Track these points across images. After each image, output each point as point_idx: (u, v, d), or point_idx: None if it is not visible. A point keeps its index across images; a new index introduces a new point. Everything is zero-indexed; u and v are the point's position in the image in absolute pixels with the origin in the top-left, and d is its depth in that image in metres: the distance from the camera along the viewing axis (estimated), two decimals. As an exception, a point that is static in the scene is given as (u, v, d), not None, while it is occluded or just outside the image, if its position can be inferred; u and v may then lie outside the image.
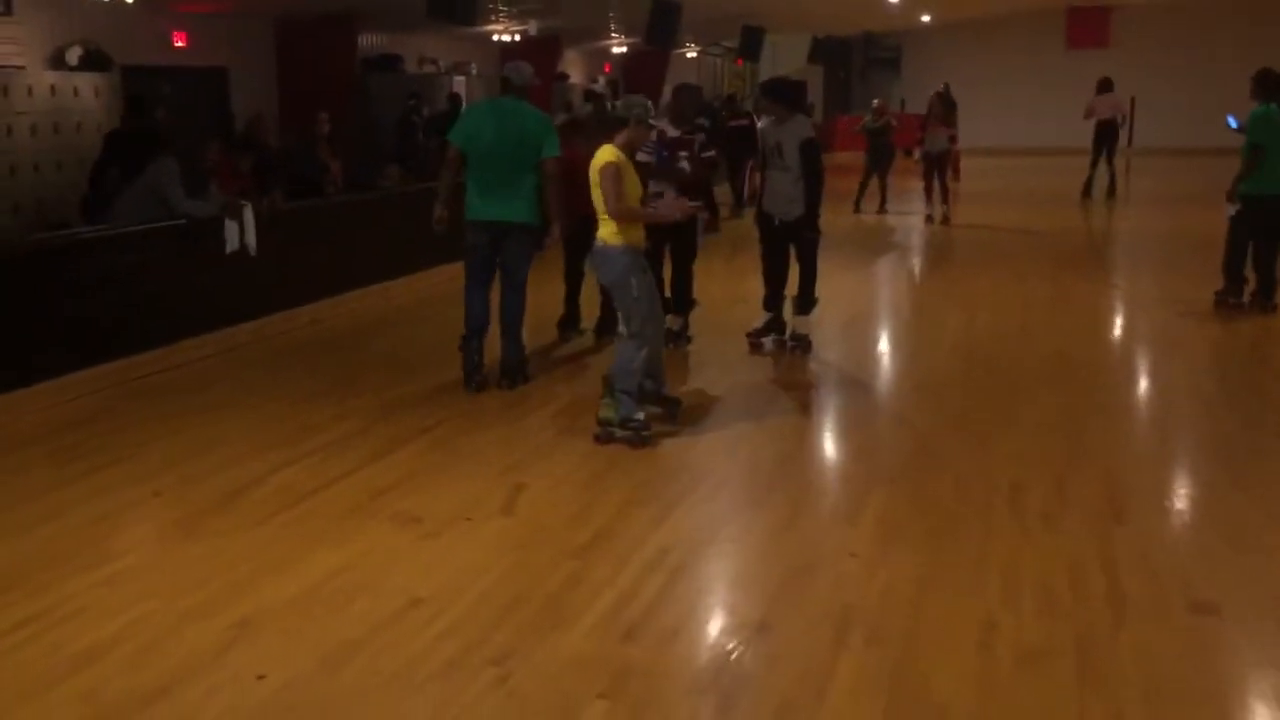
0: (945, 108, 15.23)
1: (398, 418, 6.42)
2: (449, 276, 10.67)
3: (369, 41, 16.04)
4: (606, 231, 5.89)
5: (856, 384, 7.35)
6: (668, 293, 8.00)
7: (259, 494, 5.26)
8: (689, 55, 24.43)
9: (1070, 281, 10.64)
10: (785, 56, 25.70)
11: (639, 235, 5.96)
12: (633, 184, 5.91)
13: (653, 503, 5.14)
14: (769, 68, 25.17)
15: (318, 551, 4.58)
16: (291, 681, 3.56)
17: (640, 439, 5.82)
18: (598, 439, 5.88)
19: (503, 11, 15.44)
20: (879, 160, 16.07)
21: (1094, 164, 17.51)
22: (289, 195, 9.03)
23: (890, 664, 3.62)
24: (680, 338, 8.05)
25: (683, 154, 7.71)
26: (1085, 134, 26.67)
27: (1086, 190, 17.58)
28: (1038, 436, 5.96)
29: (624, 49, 21.73)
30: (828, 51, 26.70)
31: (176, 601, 4.12)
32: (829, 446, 6.14)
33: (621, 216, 5.81)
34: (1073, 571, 4.26)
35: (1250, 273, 8.77)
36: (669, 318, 8.03)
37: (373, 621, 3.97)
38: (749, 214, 8.11)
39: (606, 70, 23.88)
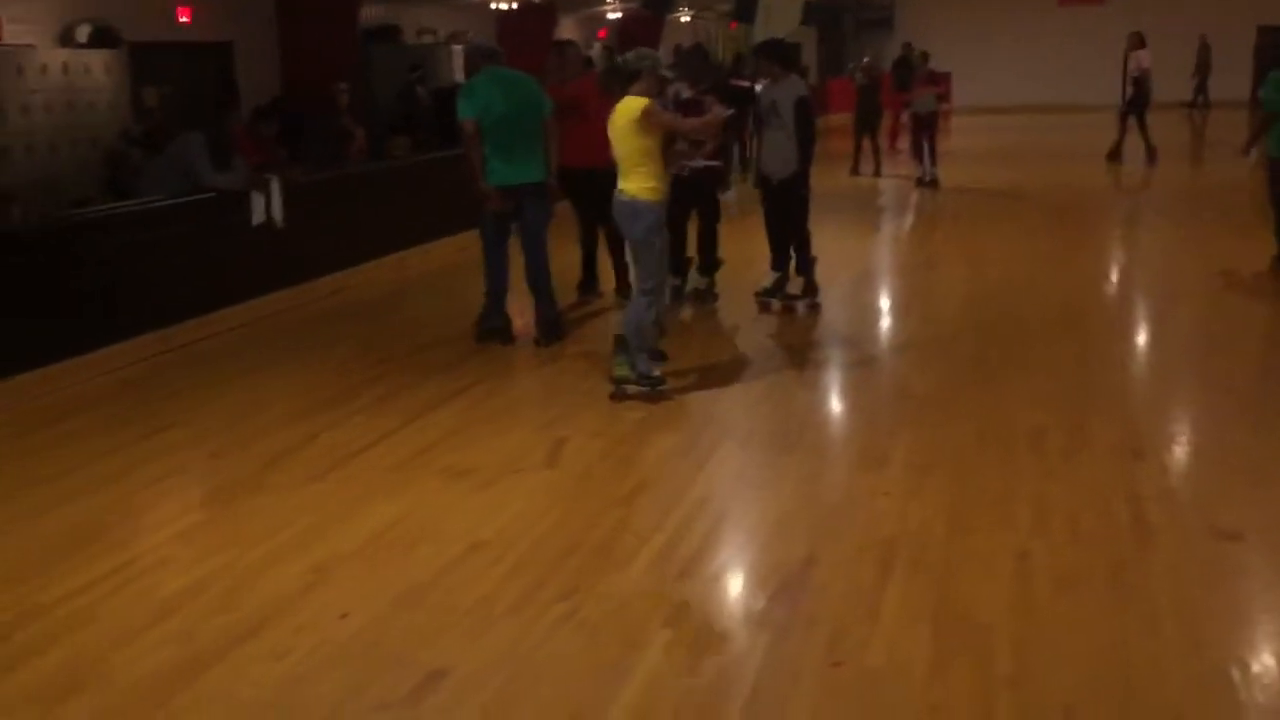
0: (924, 69, 15.33)
1: (431, 380, 6.63)
2: (459, 246, 10.88)
3: (368, 13, 16.09)
4: (637, 186, 5.93)
5: (871, 338, 7.59)
6: (690, 252, 8.23)
7: (310, 453, 5.47)
8: (683, 20, 24.48)
9: (1073, 236, 10.86)
10: (779, 19, 25.70)
11: (666, 192, 6.10)
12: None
13: (689, 453, 5.37)
14: (763, 31, 25.19)
15: (375, 503, 4.80)
16: (373, 620, 3.78)
17: (657, 393, 6.01)
18: (613, 396, 6.06)
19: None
20: (868, 120, 16.19)
21: (1123, 122, 15.96)
22: (314, 166, 9.17)
23: (934, 590, 3.86)
24: (708, 295, 8.28)
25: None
26: (1078, 90, 27.08)
27: (1116, 153, 16.10)
28: (1053, 381, 6.19)
29: (619, 14, 21.79)
30: (821, 13, 26.71)
31: (252, 550, 4.34)
32: (850, 396, 6.34)
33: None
34: (1098, 504, 4.50)
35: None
36: (696, 277, 8.28)
37: (439, 565, 4.19)
38: (751, 175, 8.29)
39: (601, 36, 23.91)
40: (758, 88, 9.27)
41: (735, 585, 4.05)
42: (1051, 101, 27.20)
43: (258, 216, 8.24)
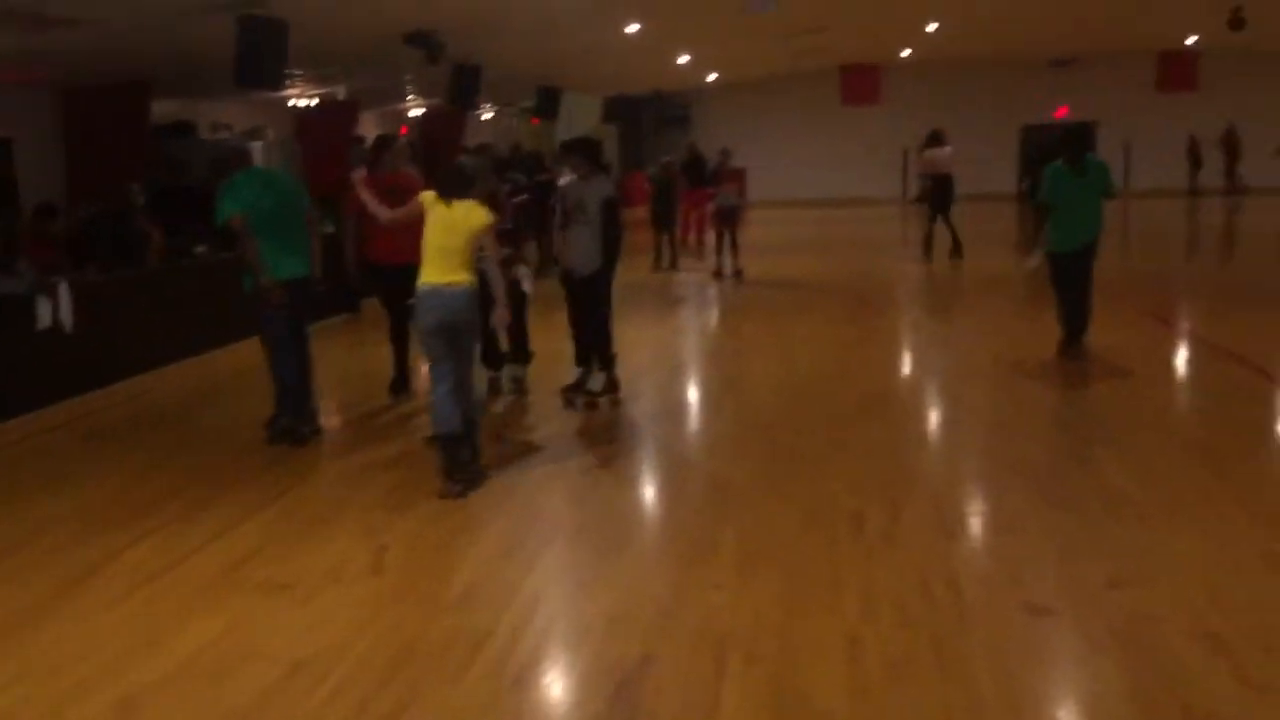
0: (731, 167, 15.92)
1: (242, 488, 6.34)
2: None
3: (160, 109, 15.61)
4: (463, 276, 6.14)
5: (690, 429, 7.70)
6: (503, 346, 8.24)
7: (110, 573, 5.12)
8: (484, 116, 24.73)
9: (875, 323, 11.37)
10: (580, 115, 26.29)
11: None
12: None
13: (517, 552, 5.28)
14: (565, 126, 25.73)
15: (188, 624, 4.52)
16: (189, 754, 3.53)
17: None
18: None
19: (298, 76, 15.35)
20: (664, 216, 16.61)
21: (931, 219, 16.04)
22: (106, 267, 8.75)
23: (770, 681, 3.89)
24: (520, 386, 8.28)
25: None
26: (864, 184, 28.66)
27: (927, 248, 16.05)
28: (867, 463, 6.41)
29: (421, 109, 21.85)
30: (620, 110, 27.50)
31: (50, 683, 4.01)
32: (674, 489, 6.37)
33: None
34: (919, 585, 4.64)
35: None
36: (512, 367, 8.27)
37: (258, 689, 3.96)
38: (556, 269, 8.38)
39: (403, 132, 23.89)
40: (561, 181, 9.41)
41: (573, 689, 3.98)
42: (839, 195, 28.68)
43: (44, 321, 7.79)
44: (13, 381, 7.65)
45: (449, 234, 6.14)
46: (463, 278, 6.14)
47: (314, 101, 17.25)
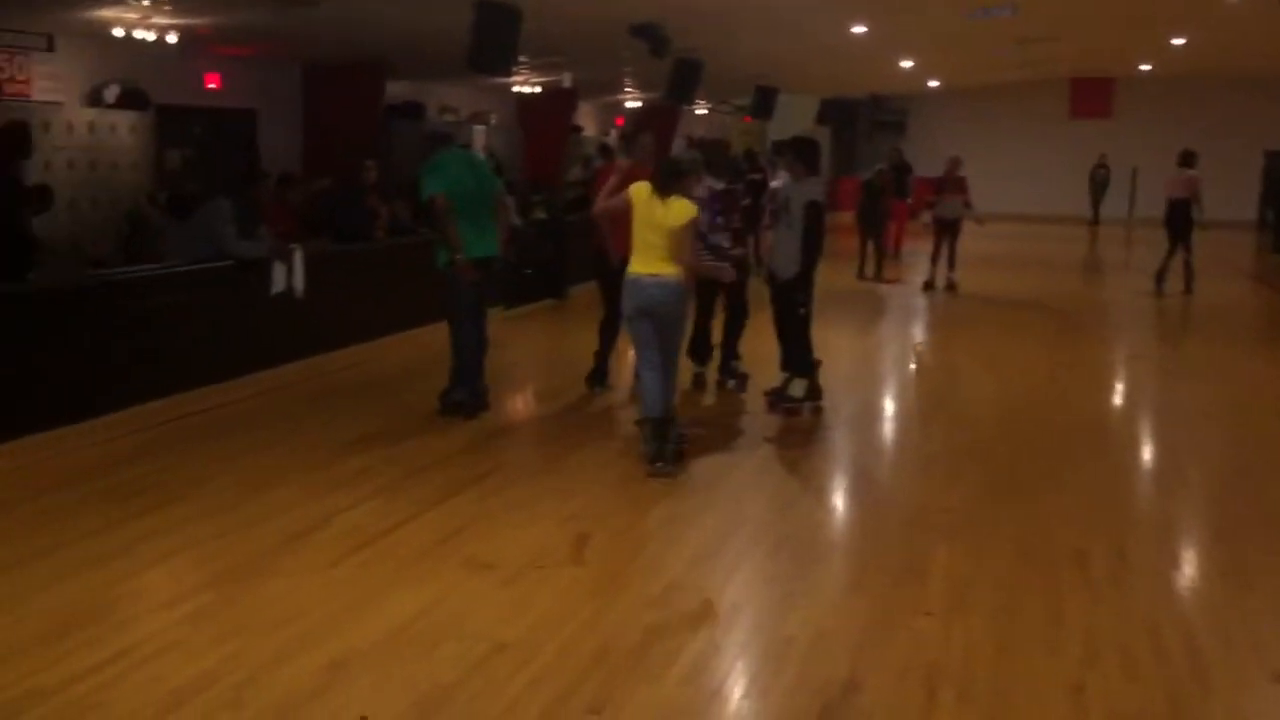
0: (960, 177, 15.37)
1: (451, 463, 6.47)
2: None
3: (393, 89, 16.22)
4: (666, 268, 6.23)
5: (897, 443, 7.46)
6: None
7: (324, 536, 5.28)
8: (699, 112, 24.75)
9: (1095, 348, 10.79)
10: (793, 116, 26.02)
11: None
12: None
13: (719, 556, 5.19)
14: (778, 126, 25.51)
15: (396, 593, 4.61)
16: (394, 724, 3.58)
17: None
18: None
19: (524, 64, 15.67)
20: (874, 223, 16.14)
21: (1170, 252, 14.50)
22: (336, 238, 9.12)
23: (986, 723, 3.67)
24: (741, 385, 8.54)
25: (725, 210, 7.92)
26: (1082, 202, 27.32)
27: (1159, 279, 14.51)
28: (1088, 498, 6.04)
29: (638, 103, 22.02)
30: (835, 112, 27.07)
31: (264, 640, 4.14)
32: (882, 506, 6.13)
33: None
34: (1149, 635, 4.32)
35: None
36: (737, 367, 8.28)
37: (462, 667, 3.99)
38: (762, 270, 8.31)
39: (619, 123, 24.16)
40: (774, 183, 9.32)
41: (775, 709, 3.84)
42: (1056, 212, 27.47)
43: (278, 286, 8.15)
44: (247, 341, 8.04)
45: (653, 227, 6.21)
46: (666, 270, 6.19)
47: (537, 89, 17.58)
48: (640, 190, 6.33)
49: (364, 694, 3.78)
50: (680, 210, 6.21)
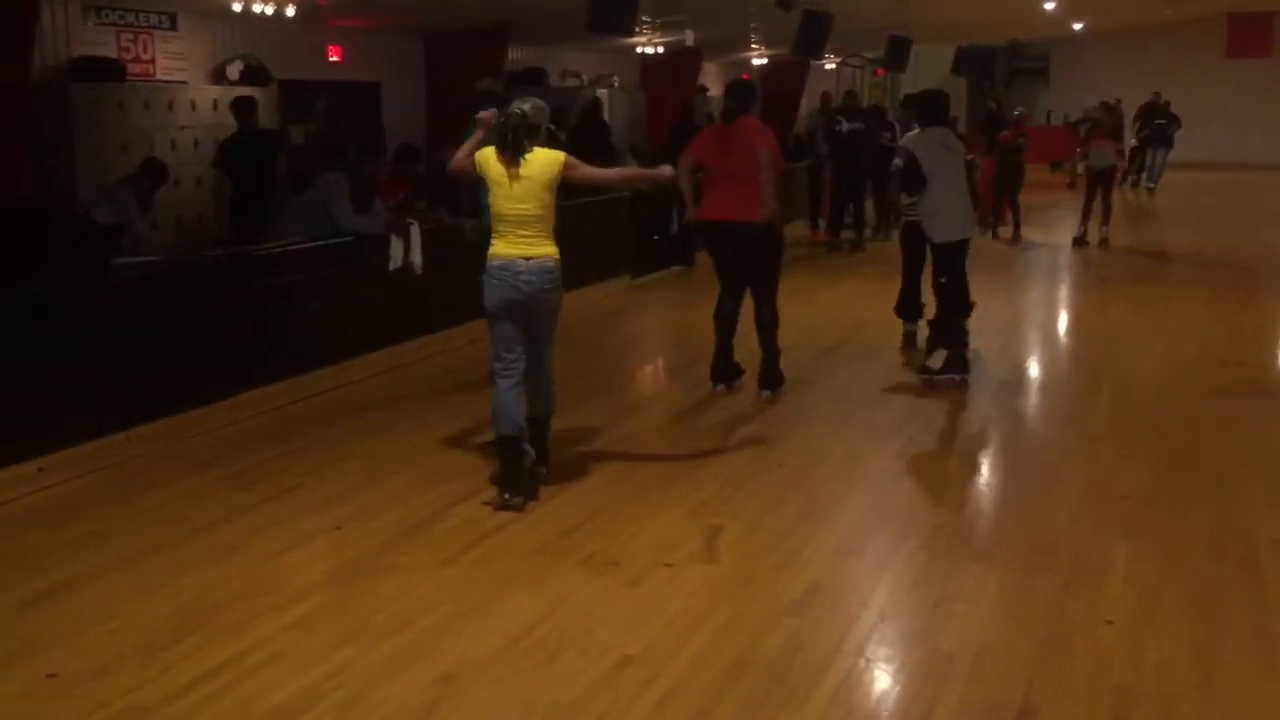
0: (1115, 122, 14.35)
1: (572, 446, 6.11)
2: (609, 293, 10.47)
3: (515, 55, 15.94)
4: (550, 248, 5.30)
5: (1059, 419, 6.83)
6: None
7: (442, 528, 4.98)
8: (828, 66, 23.89)
9: (1272, 307, 9.86)
10: (927, 67, 24.95)
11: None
12: None
13: (865, 553, 4.72)
14: (910, 79, 24.49)
15: (512, 596, 4.27)
16: (509, 753, 3.23)
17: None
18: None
19: (649, 23, 15.19)
20: (1008, 181, 15.00)
21: None
22: (455, 211, 8.83)
23: (1192, 764, 3.14)
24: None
25: None
26: (1244, 148, 25.49)
27: None
28: (1286, 485, 5.37)
29: (764, 60, 21.33)
30: (971, 61, 25.83)
31: (375, 648, 3.84)
32: (1046, 492, 5.53)
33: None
34: (1380, 654, 3.71)
35: None
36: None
37: (584, 683, 3.62)
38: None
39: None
40: (902, 141, 8.67)
41: (938, 736, 3.38)
42: (1211, 159, 25.73)
43: (395, 261, 7.89)
44: (364, 319, 7.82)
45: (516, 197, 5.19)
46: (541, 249, 5.22)
47: (660, 49, 17.08)
48: (487, 157, 5.22)
49: (474, 714, 3.45)
50: (544, 161, 5.17)
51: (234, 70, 11.57)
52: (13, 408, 5.42)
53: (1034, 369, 8.13)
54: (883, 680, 3.67)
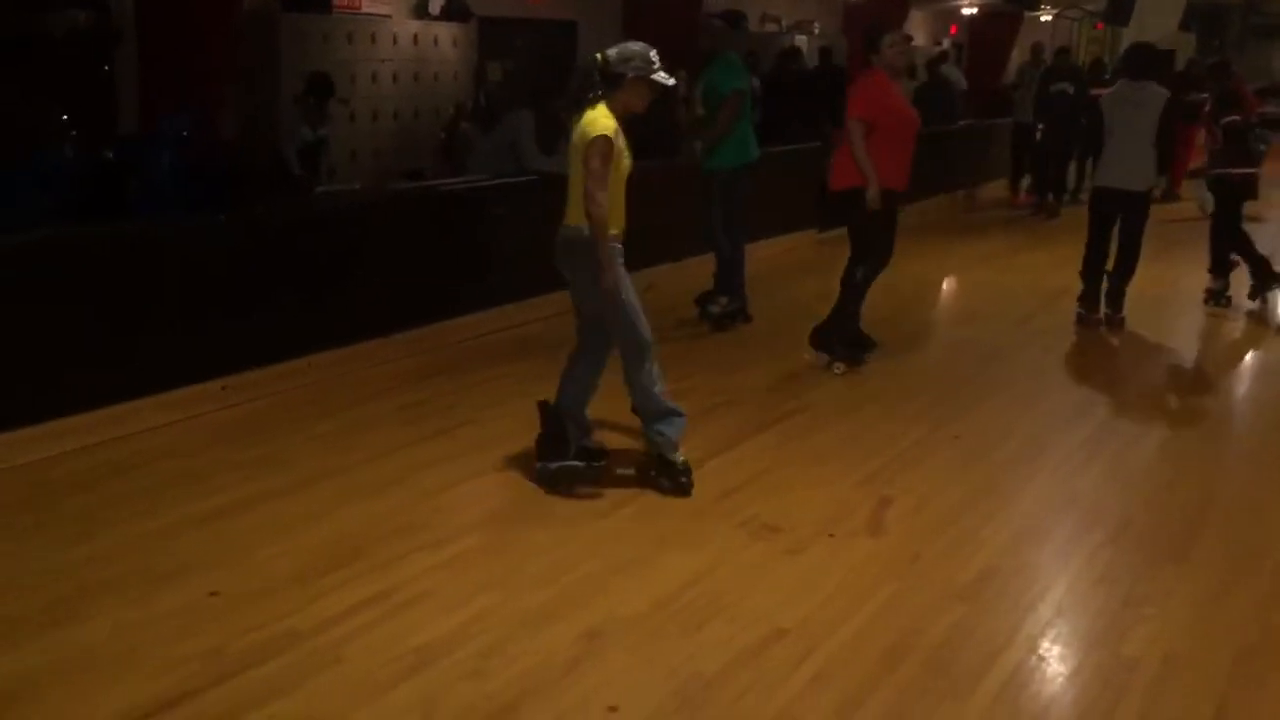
0: None
1: (741, 404, 5.95)
2: (787, 247, 10.17)
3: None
4: (577, 216, 4.72)
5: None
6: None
7: (602, 480, 4.88)
8: (1043, 19, 22.65)
9: None
10: (1153, 21, 23.37)
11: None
12: None
13: (1046, 541, 4.41)
14: (1134, 34, 23.01)
15: (666, 555, 4.15)
16: (646, 720, 3.12)
17: (679, 486, 4.71)
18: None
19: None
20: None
21: None
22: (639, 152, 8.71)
23: None
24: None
25: None
26: None
27: None
28: None
29: (973, 10, 20.36)
30: (1203, 16, 24.08)
31: (520, 598, 3.79)
32: (1256, 491, 5.03)
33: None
34: None
35: None
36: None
37: (731, 653, 3.48)
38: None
39: (953, 32, 22.51)
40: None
41: (1114, 751, 3.10)
42: None
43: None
44: (548, 258, 7.79)
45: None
46: (571, 217, 4.74)
47: (865, -6, 16.47)
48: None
49: (616, 676, 3.34)
50: (582, 127, 4.54)
51: (435, 5, 11.68)
52: (198, 328, 5.59)
53: (1252, 360, 7.49)
54: (1056, 681, 3.39)
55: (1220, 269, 8.37)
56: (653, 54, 4.69)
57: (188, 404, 5.49)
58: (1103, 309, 7.62)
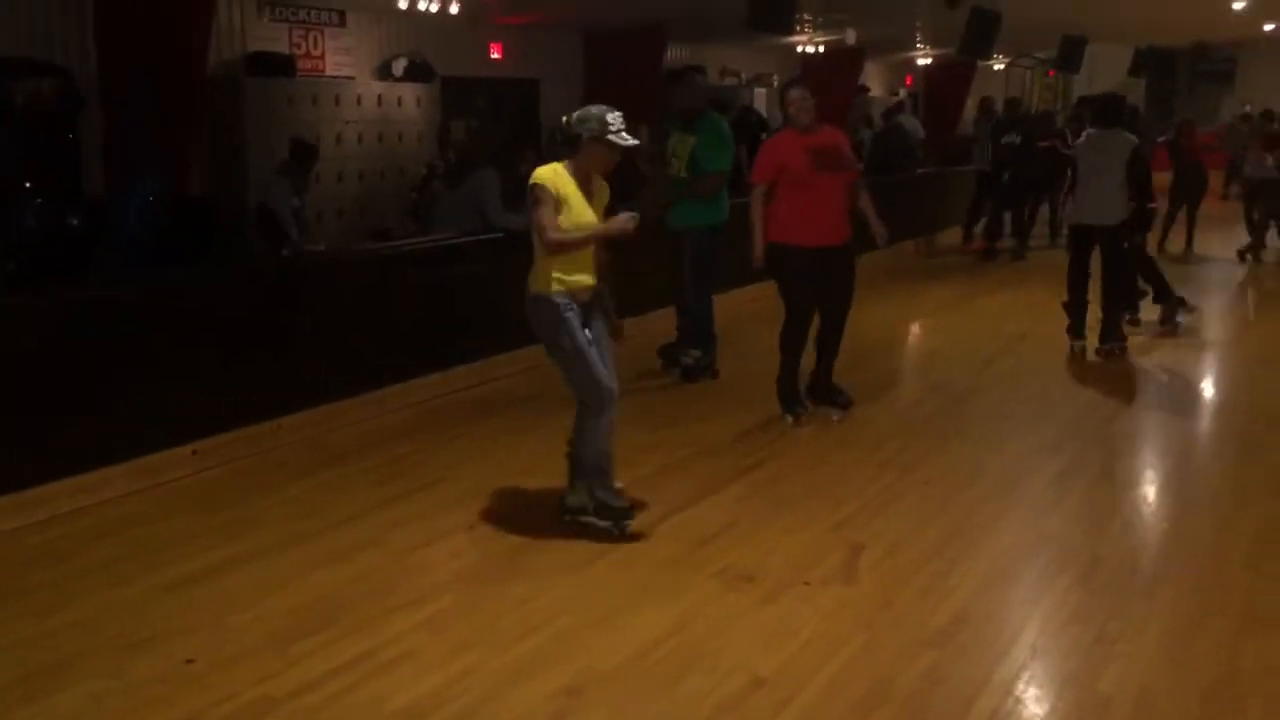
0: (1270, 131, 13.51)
1: (710, 454, 5.99)
2: (751, 297, 10.26)
3: (673, 53, 15.88)
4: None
5: (1245, 450, 6.34)
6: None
7: (576, 532, 4.90)
8: (996, 67, 23.12)
9: None
10: (1103, 68, 23.91)
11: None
12: None
13: (1017, 583, 4.47)
14: (1085, 81, 23.52)
15: (643, 608, 4.17)
16: (630, 775, 3.13)
17: (620, 530, 4.83)
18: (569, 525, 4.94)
19: (809, 21, 14.93)
20: (1191, 190, 13.77)
21: None
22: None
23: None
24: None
25: None
26: None
27: None
28: None
29: (928, 60, 20.77)
30: (1151, 62, 24.62)
31: (500, 655, 3.79)
32: (1223, 526, 5.10)
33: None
34: None
35: None
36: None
37: (711, 704, 3.50)
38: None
39: (908, 83, 22.95)
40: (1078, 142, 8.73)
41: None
42: None
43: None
44: (513, 315, 7.82)
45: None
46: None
47: (820, 48, 16.79)
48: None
49: (599, 731, 3.36)
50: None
51: (399, 66, 11.84)
52: (168, 393, 5.58)
53: (1211, 394, 7.64)
54: (1030, 723, 3.44)
55: (1162, 296, 9.26)
56: (611, 116, 4.76)
57: (158, 470, 5.48)
58: (1098, 344, 8.09)
